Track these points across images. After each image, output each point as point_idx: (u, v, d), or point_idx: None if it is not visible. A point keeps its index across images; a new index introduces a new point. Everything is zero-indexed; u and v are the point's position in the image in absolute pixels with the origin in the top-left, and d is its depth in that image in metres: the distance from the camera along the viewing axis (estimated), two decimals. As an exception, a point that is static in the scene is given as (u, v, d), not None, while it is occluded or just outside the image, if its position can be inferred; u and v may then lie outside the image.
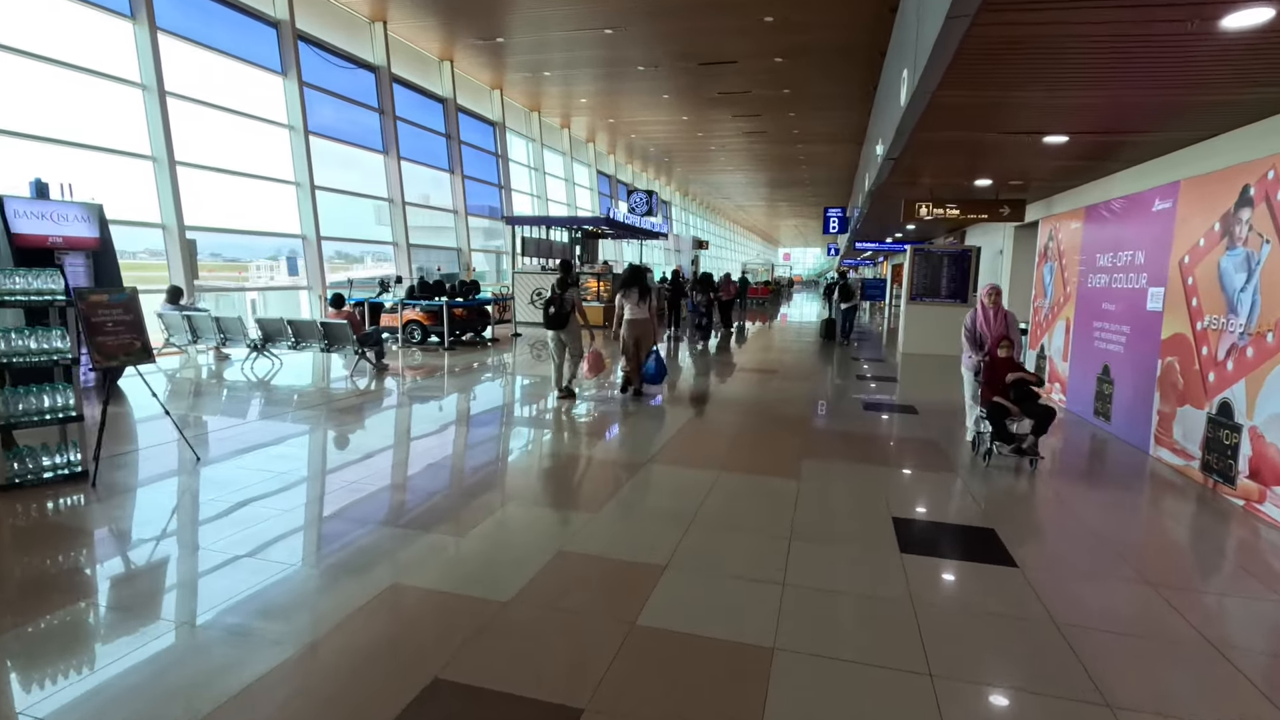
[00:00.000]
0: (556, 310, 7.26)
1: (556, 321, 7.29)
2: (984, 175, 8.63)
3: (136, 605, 2.95)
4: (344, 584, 3.14)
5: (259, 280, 13.96)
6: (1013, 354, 5.51)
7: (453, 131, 18.37)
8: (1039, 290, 9.17)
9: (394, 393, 7.96)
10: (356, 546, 3.55)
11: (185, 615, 2.86)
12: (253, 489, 4.38)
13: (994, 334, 5.71)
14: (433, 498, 4.36)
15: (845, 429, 6.63)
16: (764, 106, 21.55)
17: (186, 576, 3.24)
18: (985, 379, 5.48)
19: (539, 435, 6.16)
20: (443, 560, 3.43)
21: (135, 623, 2.78)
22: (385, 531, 3.75)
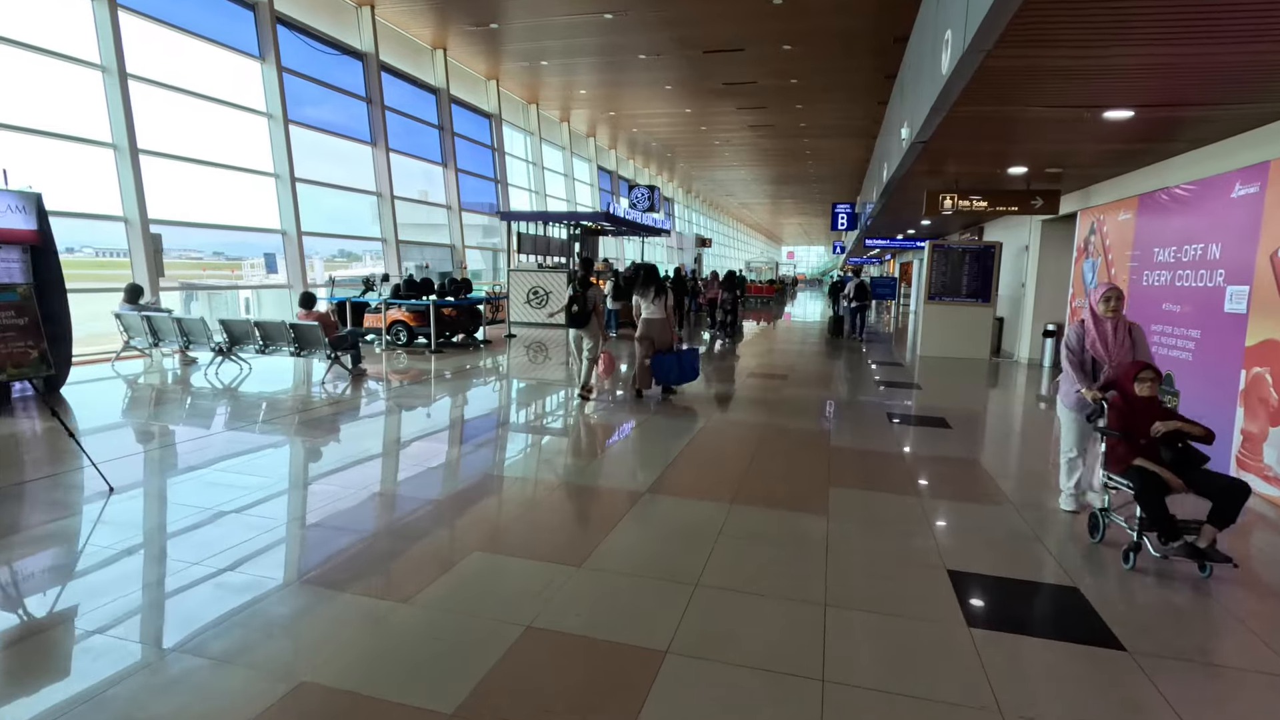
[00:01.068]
0: (579, 309, 7.16)
1: (578, 320, 7.18)
2: (1018, 162, 7.81)
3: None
4: (221, 687, 2.34)
5: (254, 279, 13.19)
6: (1157, 391, 3.69)
7: (446, 123, 17.58)
8: (1078, 289, 8.35)
9: (367, 402, 7.17)
10: (258, 622, 2.73)
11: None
12: (148, 534, 3.60)
13: (1117, 358, 3.96)
14: (376, 543, 3.56)
15: (872, 446, 5.83)
16: (770, 98, 20.73)
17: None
18: (1118, 427, 3.64)
19: (522, 454, 5.37)
20: (371, 644, 2.63)
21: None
22: (303, 596, 2.95)
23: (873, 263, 45.25)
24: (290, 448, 5.35)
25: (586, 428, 6.36)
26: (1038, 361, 11.52)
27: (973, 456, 5.54)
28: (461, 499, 4.23)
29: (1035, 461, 5.69)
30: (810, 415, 7.05)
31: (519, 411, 7.07)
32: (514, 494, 4.39)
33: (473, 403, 7.48)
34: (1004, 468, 5.35)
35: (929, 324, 12.45)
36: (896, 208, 13.29)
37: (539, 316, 16.70)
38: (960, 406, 8.03)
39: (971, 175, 9.04)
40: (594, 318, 7.25)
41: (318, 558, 3.36)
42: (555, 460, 5.20)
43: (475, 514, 4.01)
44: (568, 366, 10.37)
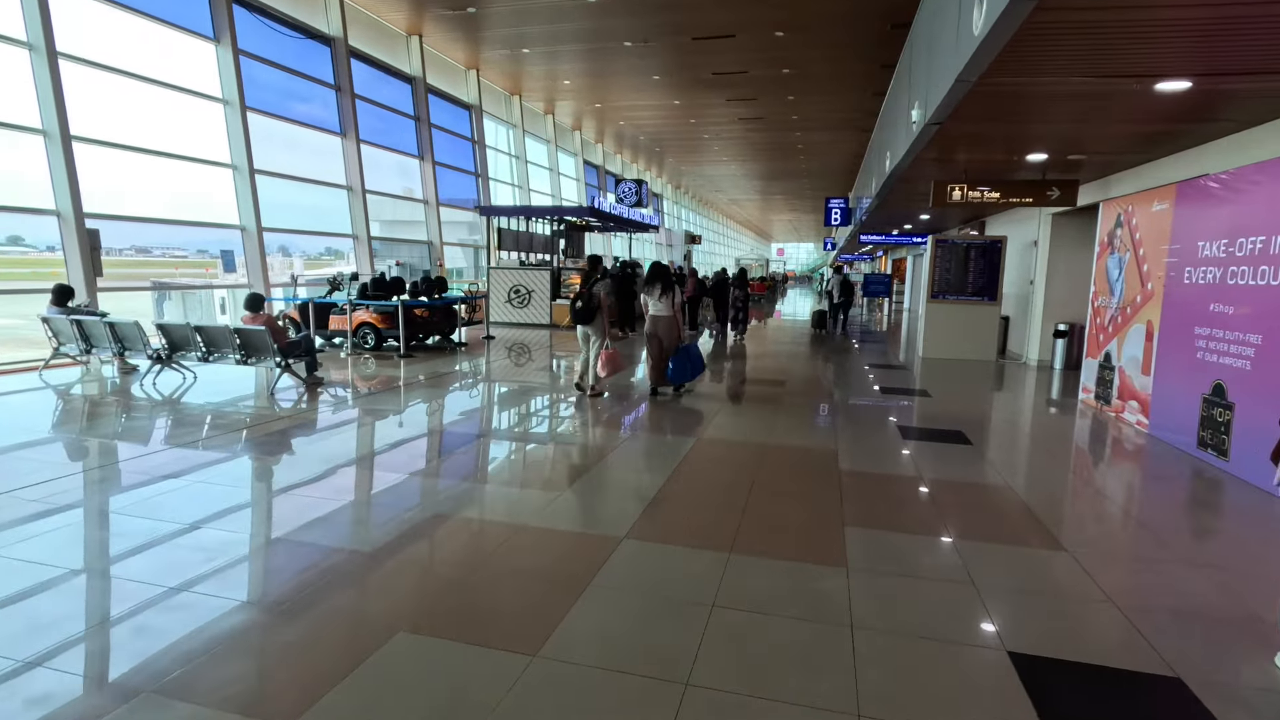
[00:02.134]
0: (585, 305, 7.20)
1: (584, 316, 7.22)
2: (1039, 148, 7.11)
3: None
4: None
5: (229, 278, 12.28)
6: None
7: (422, 114, 16.71)
8: (1100, 287, 7.67)
9: (315, 417, 6.36)
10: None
11: None
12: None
13: None
14: (264, 626, 2.78)
15: (886, 469, 5.10)
16: (761, 89, 19.99)
17: None
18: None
19: (480, 485, 4.59)
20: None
21: None
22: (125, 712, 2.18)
23: (864, 259, 44.69)
24: (197, 478, 4.55)
25: (560, 448, 5.60)
26: (1048, 363, 10.86)
27: (1003, 482, 4.82)
28: (398, 550, 3.45)
29: (1074, 487, 4.98)
30: (813, 430, 6.31)
31: (485, 427, 6.28)
32: (463, 543, 3.61)
33: (435, 416, 6.69)
34: (1043, 496, 4.63)
35: (932, 324, 11.76)
36: (897, 200, 12.59)
37: (521, 316, 15.92)
38: (976, 417, 7.33)
39: (983, 164, 8.34)
40: (600, 314, 7.24)
41: (167, 651, 2.54)
42: (519, 493, 4.42)
43: (411, 574, 3.24)
44: (551, 371, 9.59)
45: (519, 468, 4.98)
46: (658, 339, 7.38)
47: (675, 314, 7.36)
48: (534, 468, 4.99)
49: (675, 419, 6.74)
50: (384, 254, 18.25)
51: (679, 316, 7.42)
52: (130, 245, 12.37)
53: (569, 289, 16.03)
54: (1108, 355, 7.35)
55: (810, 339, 15.03)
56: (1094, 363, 7.68)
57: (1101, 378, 7.44)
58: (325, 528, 3.69)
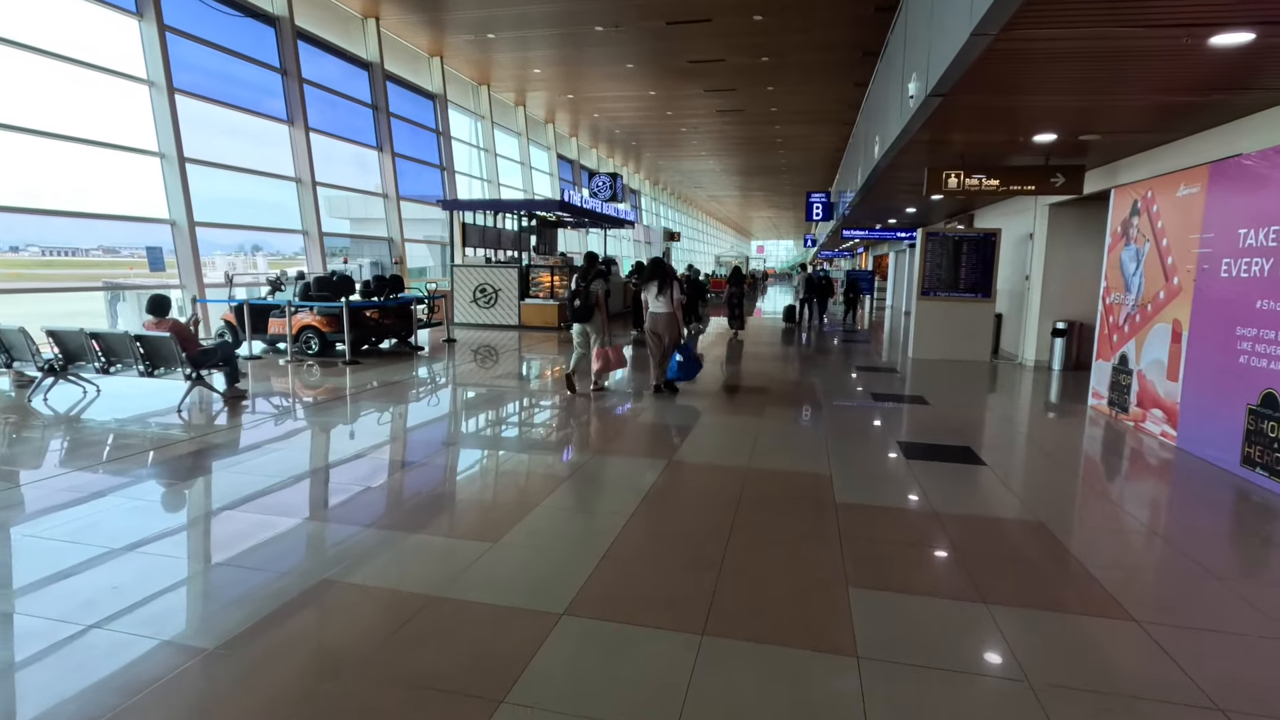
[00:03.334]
0: (582, 303, 7.09)
1: (582, 314, 7.14)
2: (1048, 126, 6.37)
3: None
4: None
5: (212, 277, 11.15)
6: None
7: (380, 102, 15.68)
8: (1113, 281, 6.96)
9: (223, 440, 5.41)
10: None
11: None
12: None
13: None
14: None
15: (891, 500, 4.30)
16: (739, 78, 19.22)
17: None
18: None
19: (389, 530, 3.70)
20: None
21: None
22: None
23: (845, 255, 44.21)
24: (27, 530, 3.60)
25: (504, 479, 4.72)
26: (1046, 364, 10.18)
27: (1031, 515, 4.03)
28: (252, 642, 2.56)
29: (1113, 522, 4.22)
30: (802, 448, 5.50)
31: (420, 455, 5.38)
32: (343, 630, 2.72)
33: (364, 438, 5.77)
34: (1082, 537, 3.85)
35: (922, 322, 11.04)
36: (884, 192, 11.86)
37: (487, 317, 14.99)
38: (982, 429, 6.58)
39: (982, 148, 7.59)
40: (597, 312, 7.15)
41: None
42: (441, 546, 3.54)
43: (257, 684, 2.35)
44: (520, 378, 8.69)
45: (448, 507, 4.10)
46: (658, 336, 7.33)
47: (675, 310, 7.25)
48: (468, 508, 4.10)
49: (644, 436, 5.90)
50: (356, 253, 17.21)
51: (679, 313, 7.32)
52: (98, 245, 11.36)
53: (539, 288, 15.13)
54: (1124, 357, 6.63)
55: (786, 334, 14.89)
56: (1106, 365, 6.97)
57: (1116, 382, 6.72)
58: (154, 613, 2.78)
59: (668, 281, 7.27)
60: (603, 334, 7.26)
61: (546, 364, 10.27)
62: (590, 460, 4.99)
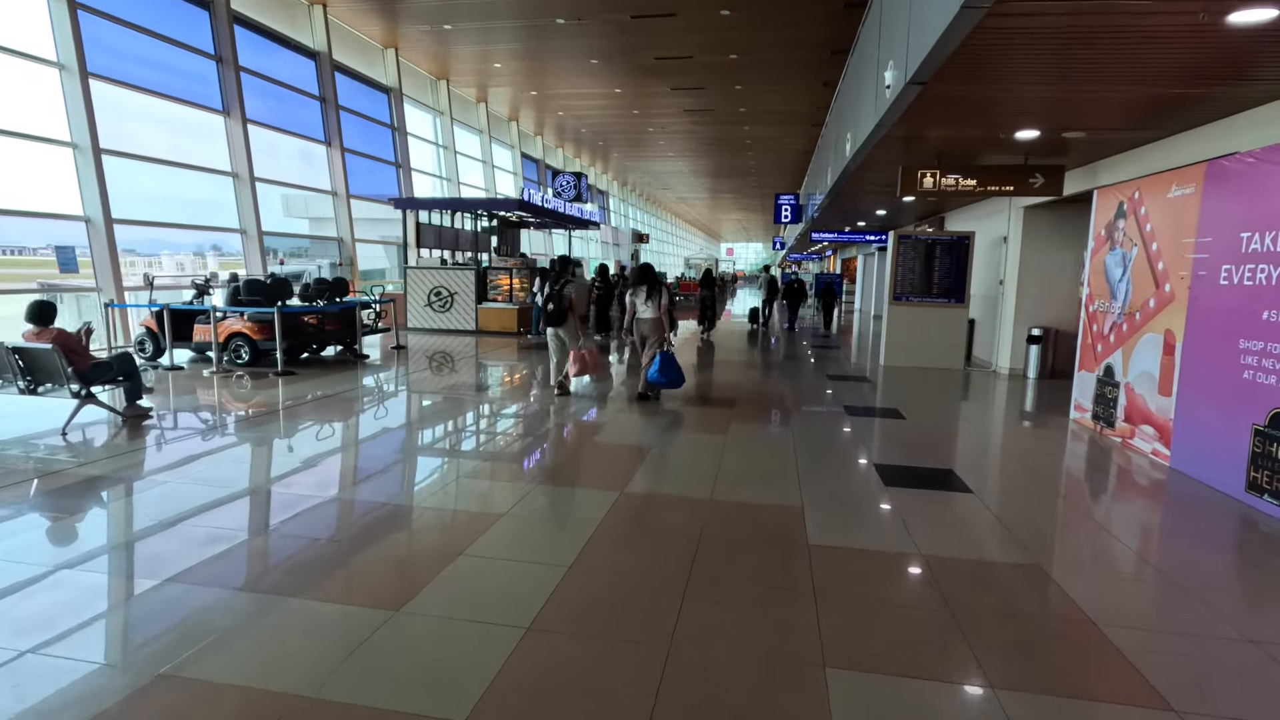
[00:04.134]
0: (555, 307, 7.18)
1: (555, 318, 7.22)
2: (1032, 121, 5.93)
3: None
4: None
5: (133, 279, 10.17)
6: None
7: (329, 94, 14.81)
8: (1097, 288, 6.57)
9: (107, 473, 4.65)
10: None
11: None
12: None
13: None
14: None
15: (870, 541, 3.77)
16: (707, 77, 18.76)
17: None
18: None
19: (267, 595, 3.04)
20: None
21: None
22: None
23: (813, 259, 44.19)
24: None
25: (429, 516, 4.08)
26: (1020, 372, 9.85)
27: (1029, 558, 3.53)
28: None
29: (1122, 566, 3.74)
30: (771, 473, 4.94)
31: (331, 489, 4.69)
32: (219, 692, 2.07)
33: (268, 468, 5.06)
34: (1090, 588, 3.34)
35: (894, 329, 10.64)
36: (854, 193, 11.44)
37: (442, 322, 14.23)
38: (962, 447, 6.11)
39: (959, 145, 7.17)
40: (571, 315, 7.22)
41: None
42: (332, 619, 2.89)
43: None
44: (471, 390, 8.00)
45: (351, 559, 3.44)
46: (645, 342, 7.30)
47: (661, 316, 7.20)
48: (374, 561, 3.44)
49: (597, 458, 5.30)
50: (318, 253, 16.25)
51: (665, 319, 7.24)
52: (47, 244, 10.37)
53: (497, 291, 14.43)
54: (1109, 369, 6.23)
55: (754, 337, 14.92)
56: (1090, 377, 6.58)
57: (1101, 395, 6.32)
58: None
59: (657, 287, 7.25)
60: (575, 338, 7.28)
61: (502, 372, 9.60)
62: (532, 492, 4.37)
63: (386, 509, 4.04)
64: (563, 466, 5.04)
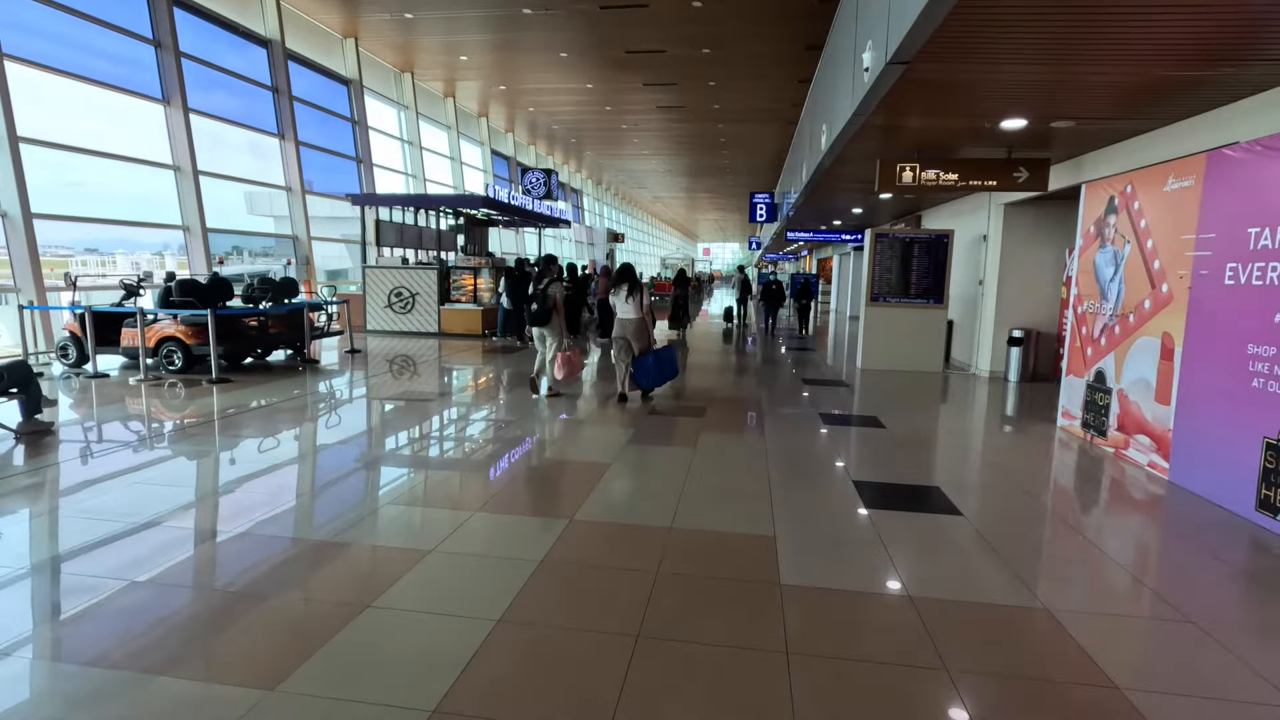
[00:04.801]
0: (540, 306, 7.11)
1: (540, 318, 7.15)
2: (1020, 108, 5.52)
3: None
4: None
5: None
6: None
7: (281, 84, 14.06)
8: (1086, 288, 6.20)
9: (10, 500, 4.02)
10: None
11: None
12: None
13: None
14: None
15: (854, 581, 3.30)
16: (681, 72, 18.31)
17: None
18: None
19: (143, 669, 2.48)
20: None
21: None
22: None
23: (789, 259, 44.03)
24: None
25: (336, 558, 3.52)
26: (1001, 374, 9.52)
27: (1034, 599, 3.08)
28: None
29: (1136, 604, 3.31)
30: (741, 493, 4.46)
31: (236, 522, 4.10)
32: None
33: (170, 498, 4.45)
34: (1106, 634, 2.90)
35: (871, 330, 10.26)
36: (829, 190, 11.04)
37: (403, 324, 13.58)
38: (948, 460, 5.68)
39: (939, 136, 6.76)
40: (555, 315, 7.14)
41: None
42: (190, 702, 2.33)
43: None
44: (425, 400, 7.41)
45: (235, 619, 2.87)
46: (626, 342, 7.15)
47: (644, 316, 7.12)
48: (261, 619, 2.88)
49: (548, 476, 4.77)
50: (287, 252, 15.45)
51: (648, 319, 7.19)
52: None
53: (461, 291, 13.81)
54: (1100, 374, 5.86)
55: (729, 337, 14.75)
56: (1079, 382, 6.21)
57: (1092, 402, 5.95)
58: None
59: (637, 287, 7.14)
60: (560, 337, 7.23)
61: (459, 378, 9.02)
62: (470, 521, 3.83)
63: (296, 548, 3.48)
64: (510, 487, 4.51)
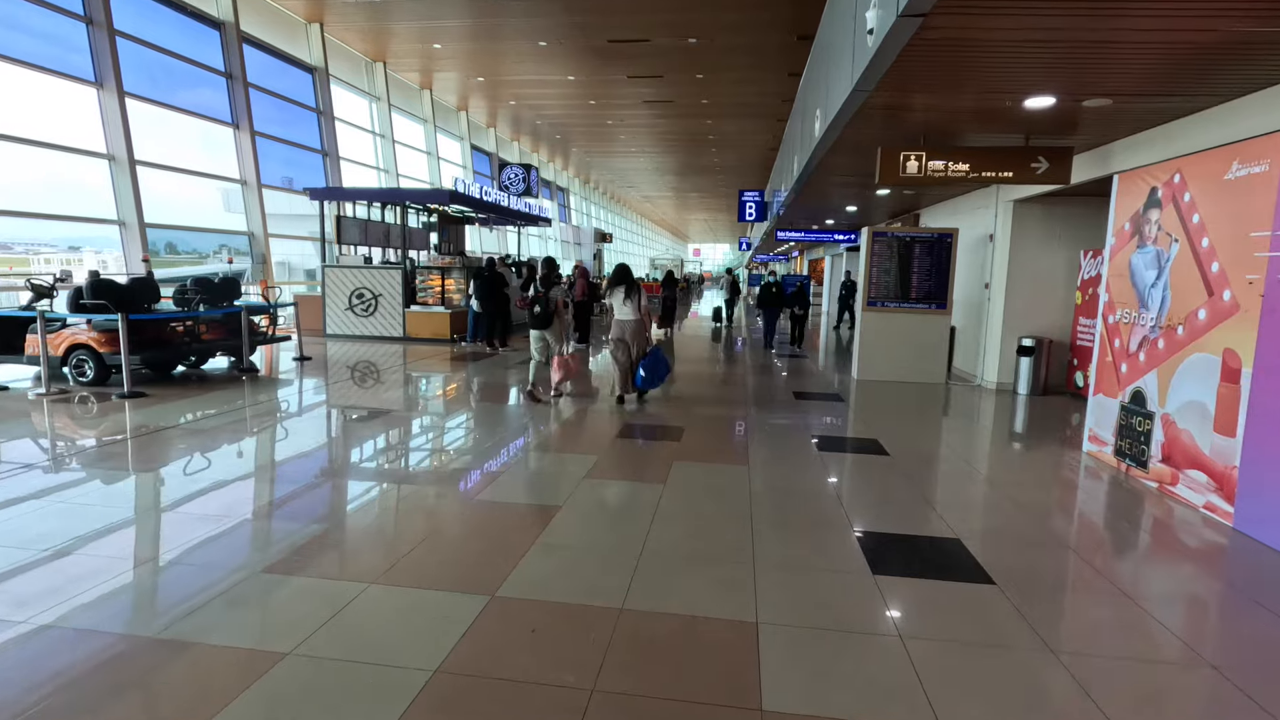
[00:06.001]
0: (542, 310, 7.04)
1: (542, 321, 7.08)
2: (1049, 83, 4.69)
3: None
4: None
5: None
6: None
7: (235, 70, 13.08)
8: (1119, 294, 5.37)
9: None
10: None
11: None
12: None
13: None
14: None
15: (861, 701, 2.43)
16: (667, 64, 17.47)
17: None
18: None
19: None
20: None
21: None
22: None
23: (780, 259, 43.31)
24: None
25: (173, 662, 2.61)
26: (1009, 387, 8.71)
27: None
28: None
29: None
30: (715, 555, 3.58)
31: (52, 618, 3.17)
32: None
33: (32, 546, 3.52)
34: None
35: (868, 338, 9.41)
36: (824, 183, 10.19)
37: (365, 328, 12.64)
38: (969, 500, 4.80)
39: (949, 119, 5.92)
40: (557, 319, 7.12)
41: None
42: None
43: None
44: (369, 419, 6.48)
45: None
46: (625, 344, 7.13)
47: (642, 317, 7.11)
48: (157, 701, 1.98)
49: (475, 533, 3.87)
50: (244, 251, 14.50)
51: (646, 320, 7.17)
52: None
53: (427, 293, 12.88)
54: (1138, 395, 5.03)
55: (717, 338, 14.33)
56: (1111, 403, 5.37)
57: (1128, 427, 5.11)
58: None
59: (635, 288, 7.12)
60: (561, 341, 7.25)
61: (415, 391, 8.10)
62: (357, 601, 2.92)
63: (103, 654, 2.56)
64: (427, 545, 3.60)
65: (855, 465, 5.29)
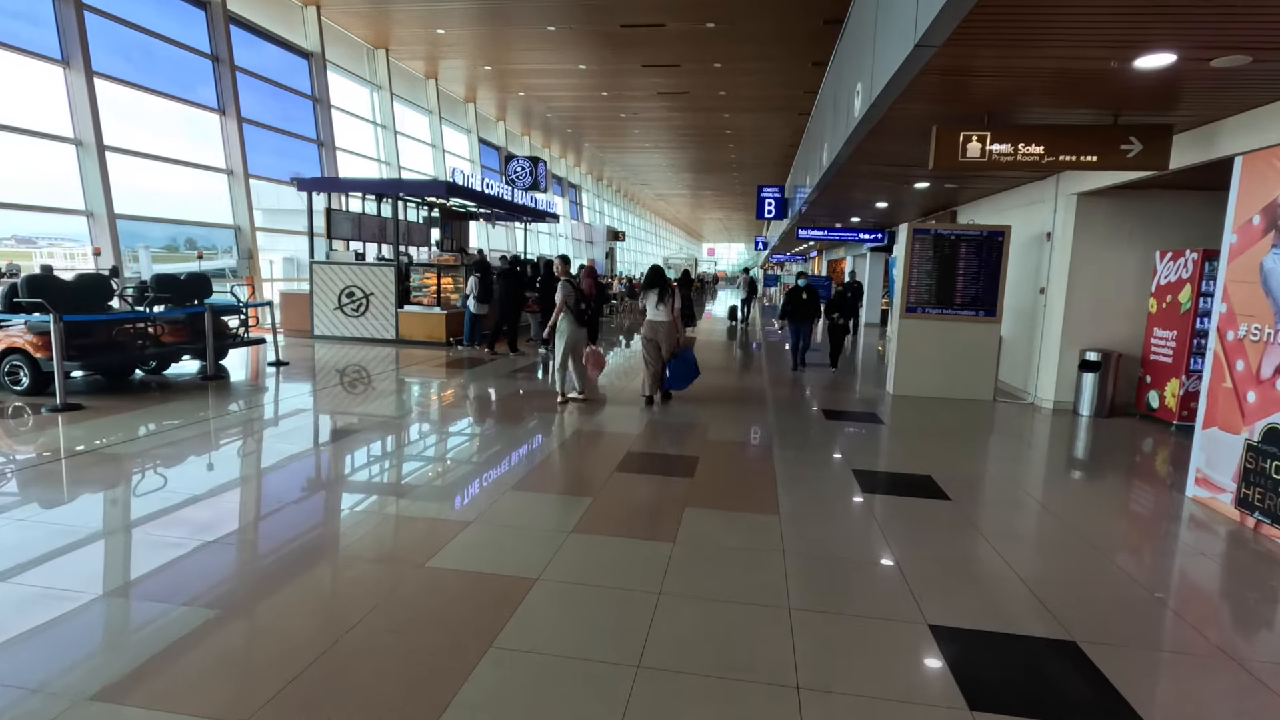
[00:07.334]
0: (587, 307, 7.21)
1: (590, 321, 7.38)
2: (1173, 37, 3.66)
3: None
4: None
5: None
6: None
7: (222, 52, 12.26)
8: (1243, 305, 4.31)
9: None
10: None
11: None
12: None
13: None
14: None
15: None
16: (683, 51, 16.49)
17: None
18: None
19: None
20: None
21: None
22: None
23: (798, 259, 42.10)
24: None
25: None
26: (1068, 406, 7.64)
27: None
28: None
29: None
30: (739, 657, 2.60)
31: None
32: None
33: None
34: None
35: (907, 348, 8.37)
36: (859, 173, 9.10)
37: (356, 329, 11.77)
38: (1068, 571, 3.73)
39: (1023, 90, 4.88)
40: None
41: None
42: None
43: None
44: (354, 437, 5.54)
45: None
46: (657, 345, 7.19)
47: (675, 319, 7.15)
48: None
49: (430, 617, 2.90)
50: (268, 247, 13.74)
51: (678, 321, 7.20)
52: None
53: (422, 293, 11.98)
54: (1273, 433, 3.97)
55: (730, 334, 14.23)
56: (1232, 440, 4.31)
57: (1259, 472, 4.06)
58: None
59: (669, 290, 7.17)
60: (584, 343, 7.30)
61: (400, 404, 7.18)
62: (281, 704, 1.97)
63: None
64: (324, 663, 2.64)
65: (911, 516, 4.26)
